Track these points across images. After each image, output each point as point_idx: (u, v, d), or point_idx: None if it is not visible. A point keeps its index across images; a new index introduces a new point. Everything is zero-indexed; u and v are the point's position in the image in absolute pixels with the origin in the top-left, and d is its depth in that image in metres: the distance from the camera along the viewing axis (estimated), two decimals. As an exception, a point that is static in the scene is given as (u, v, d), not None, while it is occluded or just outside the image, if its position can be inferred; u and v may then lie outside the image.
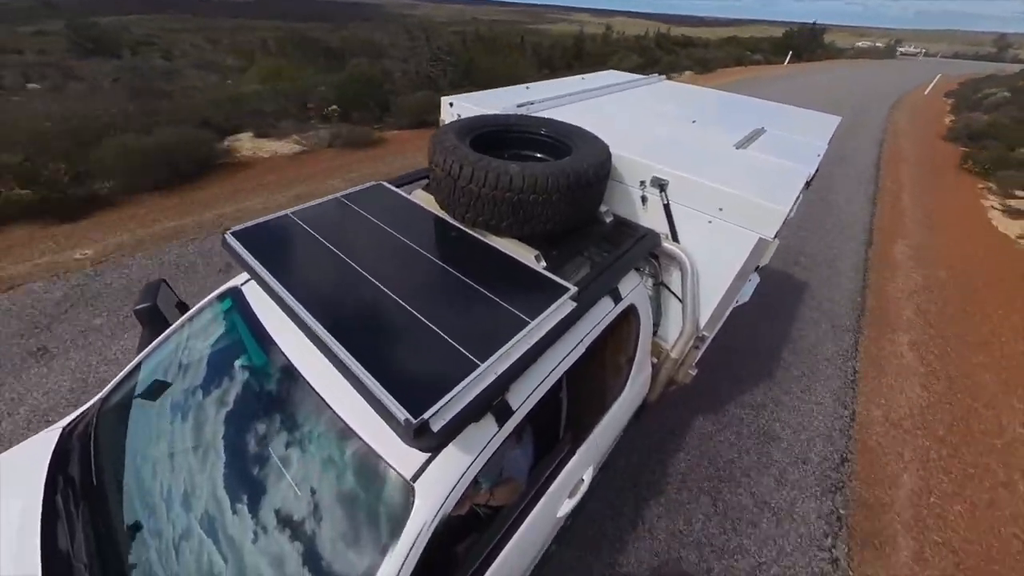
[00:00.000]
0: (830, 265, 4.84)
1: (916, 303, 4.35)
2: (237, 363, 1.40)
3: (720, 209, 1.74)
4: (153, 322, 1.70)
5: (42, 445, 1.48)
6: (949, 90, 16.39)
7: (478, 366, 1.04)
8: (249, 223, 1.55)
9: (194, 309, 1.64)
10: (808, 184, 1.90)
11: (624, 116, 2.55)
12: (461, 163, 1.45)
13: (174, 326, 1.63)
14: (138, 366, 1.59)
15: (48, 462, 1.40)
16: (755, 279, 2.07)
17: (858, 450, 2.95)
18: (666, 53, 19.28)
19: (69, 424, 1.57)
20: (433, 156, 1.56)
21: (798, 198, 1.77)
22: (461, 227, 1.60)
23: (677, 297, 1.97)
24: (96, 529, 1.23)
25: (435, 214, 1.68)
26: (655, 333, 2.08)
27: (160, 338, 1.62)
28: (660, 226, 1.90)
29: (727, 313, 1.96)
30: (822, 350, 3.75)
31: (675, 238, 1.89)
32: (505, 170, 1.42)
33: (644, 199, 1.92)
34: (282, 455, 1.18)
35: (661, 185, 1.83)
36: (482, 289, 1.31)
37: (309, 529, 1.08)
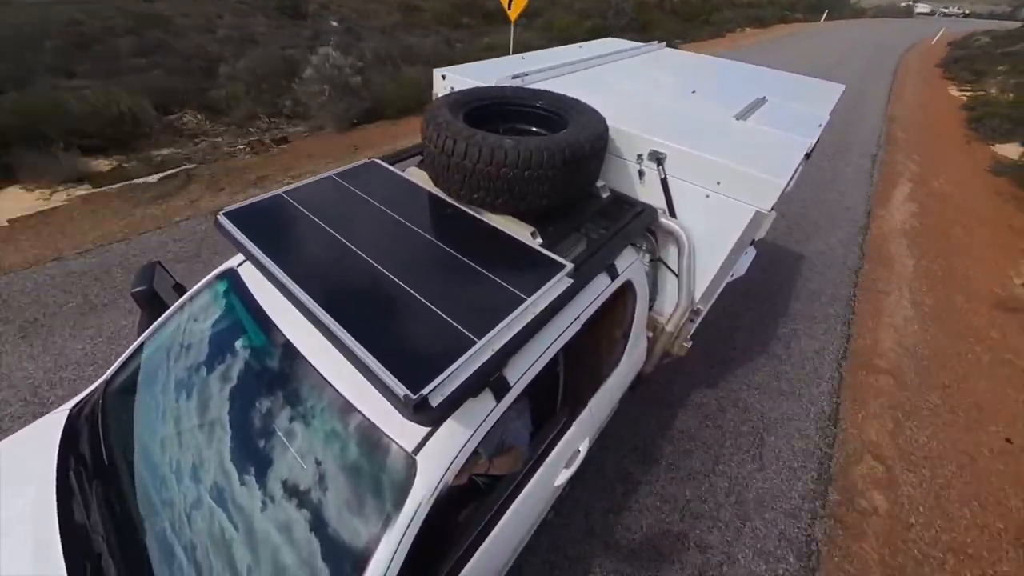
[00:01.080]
0: (873, 102, 10.61)
1: (911, 109, 10.33)
2: (237, 343, 1.42)
3: (718, 183, 1.72)
4: (151, 304, 1.70)
5: (50, 426, 1.51)
6: (951, 40, 21.10)
7: (475, 343, 1.06)
8: (241, 203, 1.53)
9: (192, 291, 1.64)
10: (808, 156, 1.87)
11: (622, 87, 2.48)
12: (455, 138, 1.42)
13: (172, 308, 1.64)
14: (140, 348, 1.61)
15: (58, 442, 1.44)
16: (751, 252, 2.08)
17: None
18: (718, 11, 21.62)
19: (76, 406, 1.60)
20: (426, 131, 1.52)
21: (797, 170, 1.75)
22: (456, 204, 1.58)
23: (673, 272, 1.98)
24: (111, 504, 1.28)
25: (429, 191, 1.65)
26: (651, 308, 2.10)
27: (160, 320, 1.63)
28: (657, 201, 1.88)
29: (722, 287, 1.97)
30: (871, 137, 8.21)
31: (672, 213, 1.88)
32: (499, 145, 1.39)
33: (641, 173, 1.89)
34: (286, 430, 1.22)
35: (659, 159, 1.80)
36: (478, 267, 1.31)
37: (315, 499, 1.12)
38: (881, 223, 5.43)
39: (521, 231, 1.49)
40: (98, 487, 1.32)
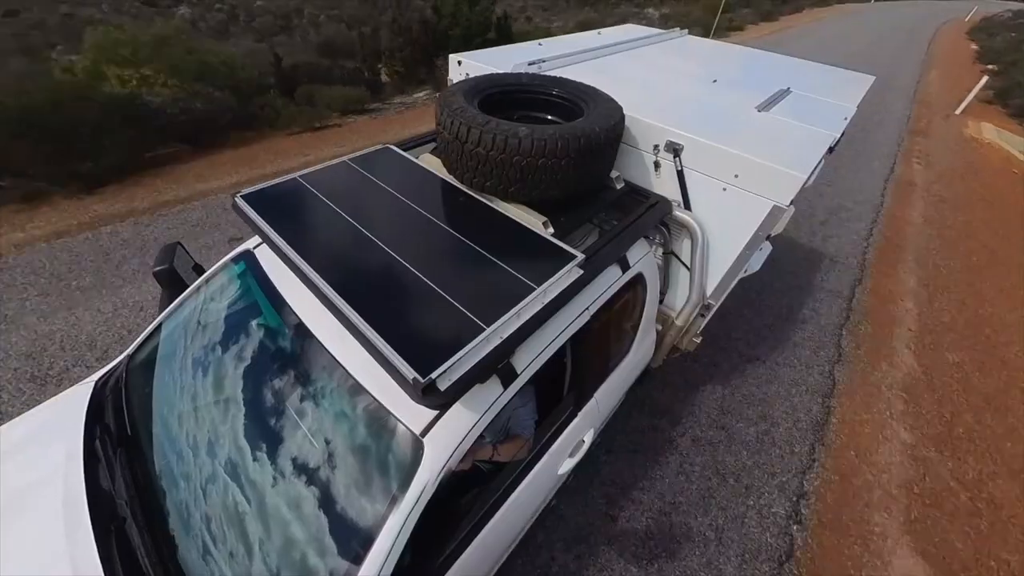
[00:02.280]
0: (918, 45, 16.00)
1: (943, 51, 15.41)
2: (252, 323, 1.45)
3: (736, 175, 1.68)
4: (172, 283, 1.76)
5: (78, 397, 1.58)
6: (983, 16, 23.79)
7: (484, 329, 1.07)
8: (258, 186, 1.55)
9: (210, 272, 1.68)
10: (831, 149, 1.81)
11: (641, 75, 2.42)
12: (469, 125, 1.42)
13: (191, 288, 1.68)
14: (160, 325, 1.67)
15: (85, 412, 1.51)
16: (767, 248, 2.04)
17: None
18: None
19: (101, 378, 1.67)
20: (440, 118, 1.52)
21: (819, 164, 1.70)
22: (468, 191, 1.58)
23: (685, 266, 1.96)
24: (134, 472, 1.34)
25: (442, 178, 1.66)
26: (661, 301, 2.08)
27: (179, 299, 1.68)
28: (672, 193, 1.85)
29: (734, 283, 1.95)
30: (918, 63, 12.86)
31: (687, 206, 1.84)
32: (514, 133, 1.38)
33: (657, 164, 1.86)
34: (298, 408, 1.25)
35: (675, 150, 1.77)
36: (489, 254, 1.31)
37: (324, 477, 1.16)
38: (923, 91, 9.87)
39: (533, 220, 1.49)
40: (122, 456, 1.38)
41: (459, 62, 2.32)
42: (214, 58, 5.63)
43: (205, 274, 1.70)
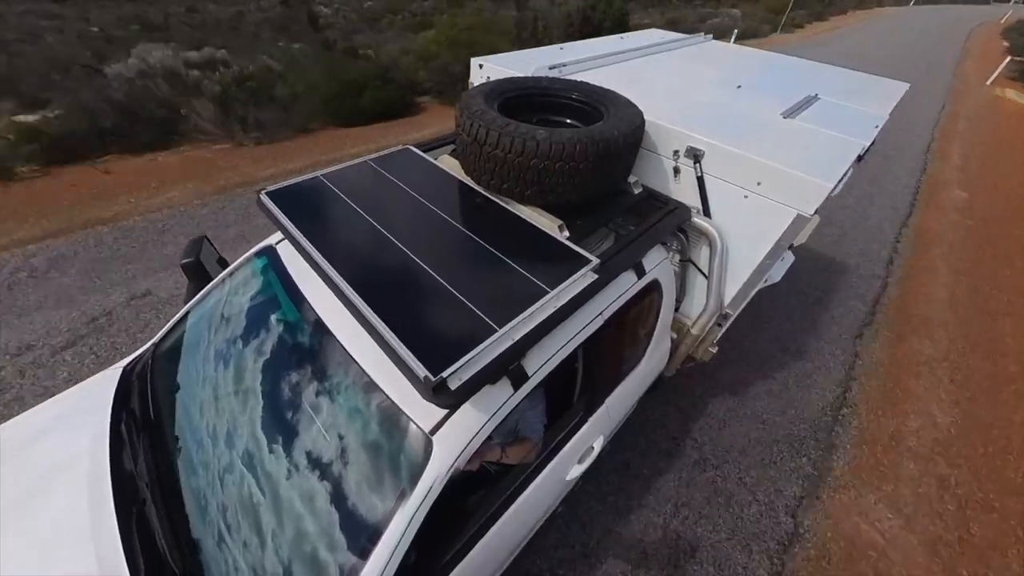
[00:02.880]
0: (957, 40, 18.65)
1: (974, 57, 15.37)
2: (272, 317, 1.49)
3: (758, 183, 1.65)
4: (197, 275, 1.82)
5: (107, 381, 1.65)
6: (1019, 19, 24.61)
7: (496, 331, 1.07)
8: (283, 184, 1.60)
9: (233, 265, 1.74)
10: (860, 158, 1.76)
11: (663, 80, 2.40)
12: (488, 128, 1.43)
13: (215, 280, 1.74)
14: (185, 316, 1.73)
15: (112, 396, 1.57)
16: (788, 258, 1.98)
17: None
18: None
19: (129, 364, 1.74)
20: (460, 120, 1.53)
21: (847, 173, 1.65)
22: (486, 193, 1.59)
23: (703, 273, 1.92)
24: (156, 456, 1.39)
25: (460, 180, 1.67)
26: (677, 309, 2.05)
27: (204, 291, 1.74)
28: (692, 199, 1.82)
29: (753, 292, 1.90)
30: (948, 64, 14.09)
31: (707, 213, 1.81)
32: (532, 136, 1.39)
33: (677, 170, 1.84)
34: (312, 403, 1.28)
35: (696, 156, 1.74)
36: (503, 256, 1.32)
37: (336, 471, 1.18)
38: (960, 73, 12.60)
39: (548, 224, 1.48)
40: (145, 440, 1.43)
41: (480, 65, 2.34)
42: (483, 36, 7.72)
43: (229, 268, 1.76)
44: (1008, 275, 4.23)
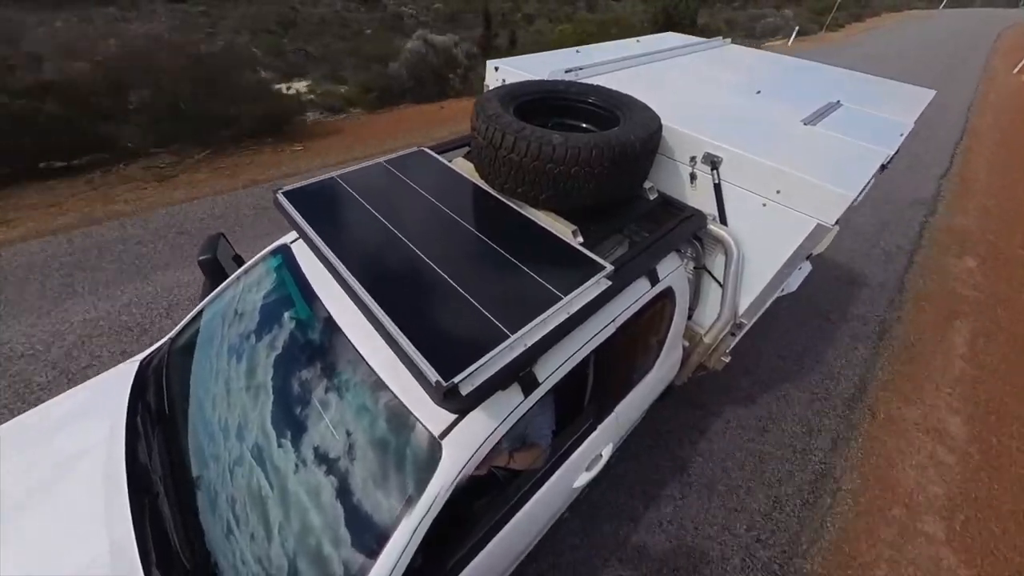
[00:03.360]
0: (979, 52, 16.89)
1: (1002, 53, 16.71)
2: (285, 315, 1.51)
3: (777, 191, 1.61)
4: (213, 272, 1.85)
5: (124, 374, 1.68)
6: None
7: (508, 336, 1.06)
8: (299, 184, 1.61)
9: (249, 263, 1.76)
10: (884, 167, 1.71)
11: (681, 84, 2.37)
12: (503, 131, 1.42)
13: (231, 278, 1.77)
14: (201, 312, 1.76)
15: (129, 389, 1.60)
16: (806, 268, 1.94)
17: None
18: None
19: (146, 358, 1.77)
20: (475, 123, 1.53)
21: (869, 182, 1.61)
22: (499, 197, 1.59)
23: (718, 282, 1.89)
24: (169, 449, 1.42)
25: (474, 183, 1.67)
26: (690, 317, 2.02)
27: (219, 288, 1.77)
28: (708, 206, 1.79)
29: (769, 302, 1.86)
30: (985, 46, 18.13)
31: (723, 220, 1.78)
32: (547, 140, 1.38)
33: (693, 176, 1.81)
34: (322, 403, 1.29)
35: (713, 162, 1.71)
36: (517, 261, 1.31)
37: (344, 470, 1.18)
38: (990, 67, 14.18)
39: (563, 229, 1.47)
40: (159, 433, 1.46)
41: (496, 68, 2.34)
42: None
43: (244, 265, 1.78)
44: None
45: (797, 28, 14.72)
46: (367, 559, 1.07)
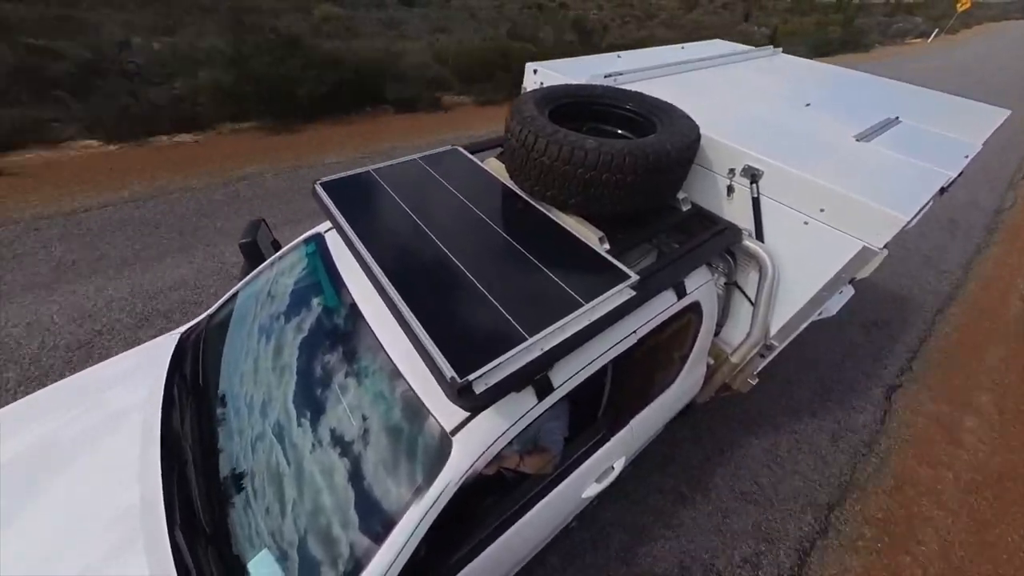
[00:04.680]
0: None
1: None
2: (314, 300, 1.57)
3: (821, 209, 1.53)
4: (252, 255, 1.95)
5: (166, 345, 1.80)
6: None
7: (526, 339, 1.06)
8: (336, 176, 1.67)
9: (285, 248, 1.84)
10: (944, 190, 1.59)
11: (725, 93, 2.30)
12: (536, 134, 1.42)
13: (268, 261, 1.86)
14: (238, 292, 1.85)
15: (169, 359, 1.71)
16: (848, 292, 1.83)
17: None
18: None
19: (186, 331, 1.89)
20: (509, 124, 1.54)
21: (926, 205, 1.50)
22: (528, 199, 1.59)
23: (750, 300, 1.81)
24: (199, 419, 1.50)
25: (504, 183, 1.68)
26: (717, 334, 1.94)
27: (256, 270, 1.86)
28: (744, 221, 1.73)
29: (804, 325, 1.77)
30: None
31: (759, 236, 1.71)
32: (580, 145, 1.37)
33: (731, 189, 1.75)
34: (341, 388, 1.33)
35: (753, 175, 1.65)
36: (540, 264, 1.31)
37: (356, 455, 1.22)
38: None
39: (589, 234, 1.46)
40: (192, 403, 1.55)
41: (535, 71, 2.34)
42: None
43: (281, 250, 1.86)
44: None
45: (937, 30, 18.25)
46: (373, 543, 1.09)
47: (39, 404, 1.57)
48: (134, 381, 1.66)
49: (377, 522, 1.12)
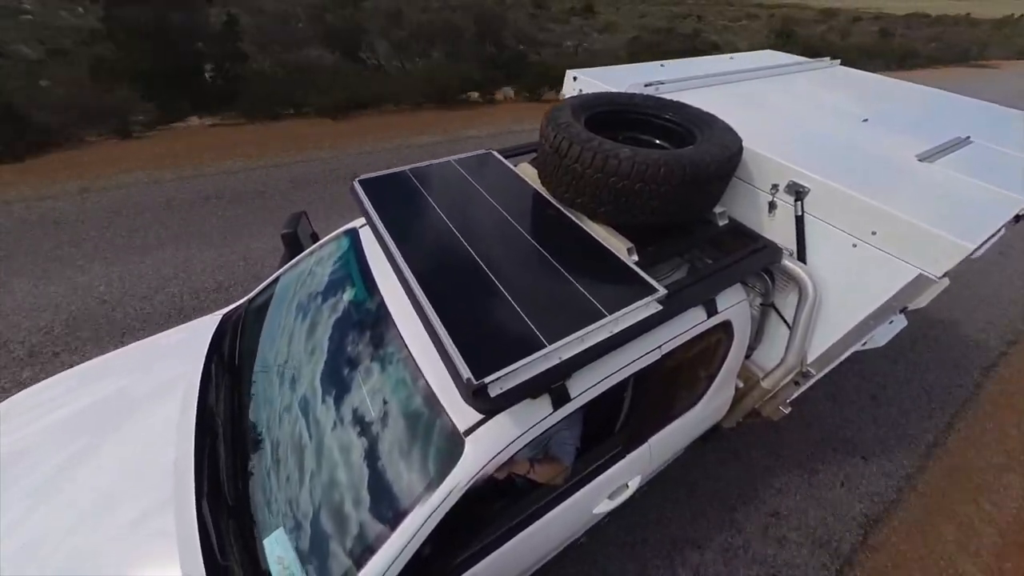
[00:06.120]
0: None
1: None
2: (344, 293, 1.63)
3: (873, 232, 1.43)
4: (291, 245, 2.05)
5: (208, 325, 1.92)
6: None
7: (544, 347, 1.05)
8: (374, 174, 1.74)
9: (322, 241, 1.93)
10: (1020, 218, 1.45)
11: (774, 105, 2.20)
12: (570, 141, 1.42)
13: (306, 252, 1.95)
14: (277, 279, 1.95)
15: (210, 338, 1.83)
16: (899, 322, 1.70)
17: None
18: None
19: (227, 313, 2.01)
20: (544, 130, 1.54)
21: (997, 234, 1.36)
22: (558, 206, 1.58)
23: (787, 323, 1.71)
24: (231, 397, 1.59)
25: (535, 189, 1.68)
26: (748, 356, 1.85)
27: (294, 260, 1.95)
28: (785, 239, 1.64)
29: (846, 354, 1.65)
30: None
31: (801, 257, 1.62)
32: (615, 153, 1.35)
33: (772, 205, 1.67)
34: (364, 380, 1.36)
35: (798, 192, 1.56)
36: (566, 272, 1.30)
37: (372, 446, 1.25)
38: None
39: (618, 245, 1.43)
40: (226, 381, 1.64)
41: (574, 78, 2.34)
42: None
43: (318, 242, 1.95)
44: None
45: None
46: (381, 533, 1.11)
47: (109, 365, 1.78)
48: (181, 355, 1.78)
49: (387, 513, 1.14)
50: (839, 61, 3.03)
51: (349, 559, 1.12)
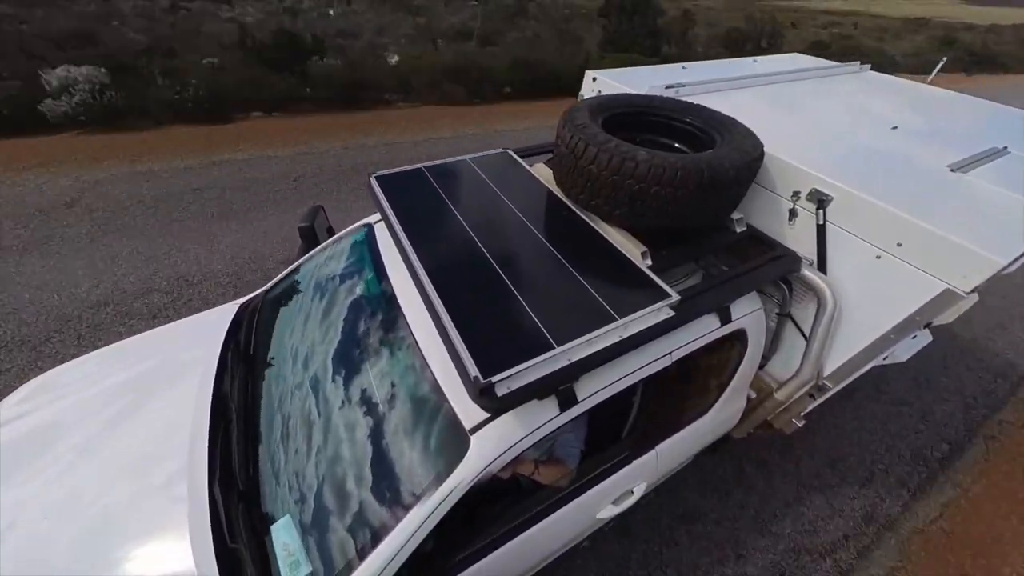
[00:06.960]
0: None
1: None
2: (358, 286, 1.65)
3: (899, 244, 1.38)
4: (308, 238, 2.09)
5: (226, 313, 1.97)
6: None
7: (553, 348, 1.05)
8: (391, 170, 1.75)
9: (338, 235, 1.96)
10: None
11: (799, 111, 2.15)
12: (586, 142, 1.40)
13: (322, 245, 1.98)
14: (292, 272, 1.99)
15: (228, 327, 1.87)
16: (923, 338, 1.64)
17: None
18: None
19: (245, 302, 2.06)
20: (560, 131, 1.53)
21: None
22: (572, 207, 1.57)
23: (803, 335, 1.67)
24: (245, 384, 1.63)
25: (549, 190, 1.67)
26: (762, 366, 1.81)
27: (311, 252, 1.99)
28: (805, 248, 1.60)
29: (865, 368, 1.60)
30: None
31: (821, 267, 1.57)
32: (631, 156, 1.33)
33: (793, 213, 1.63)
34: (373, 375, 1.38)
35: (821, 200, 1.52)
36: (578, 274, 1.29)
37: (380, 442, 1.26)
38: None
39: (632, 248, 1.41)
40: (241, 368, 1.69)
41: (593, 79, 2.32)
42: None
43: (334, 236, 1.98)
44: None
45: None
46: (384, 526, 1.12)
47: (135, 346, 1.87)
48: (201, 341, 1.83)
49: (391, 508, 1.15)
50: (869, 66, 2.93)
51: (352, 550, 1.14)
